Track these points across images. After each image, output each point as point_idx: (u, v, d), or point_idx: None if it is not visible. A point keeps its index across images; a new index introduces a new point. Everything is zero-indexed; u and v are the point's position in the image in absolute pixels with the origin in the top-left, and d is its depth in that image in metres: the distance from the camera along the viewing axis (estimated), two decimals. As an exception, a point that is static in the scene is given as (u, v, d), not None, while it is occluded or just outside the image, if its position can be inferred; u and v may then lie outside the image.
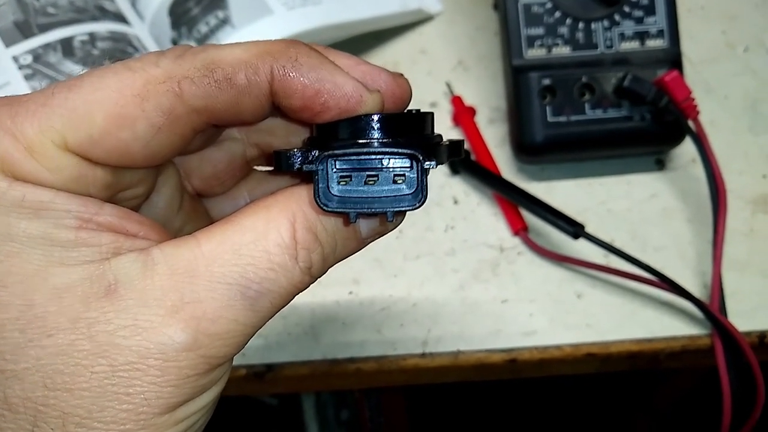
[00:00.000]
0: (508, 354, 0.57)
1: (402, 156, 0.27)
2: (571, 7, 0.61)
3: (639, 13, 0.61)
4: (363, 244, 0.29)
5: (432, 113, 0.29)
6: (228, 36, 0.63)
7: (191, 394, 0.26)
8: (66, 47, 0.60)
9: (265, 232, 0.26)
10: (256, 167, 0.32)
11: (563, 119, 0.60)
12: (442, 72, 0.69)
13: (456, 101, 0.66)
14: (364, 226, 0.29)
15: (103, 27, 0.63)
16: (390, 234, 0.30)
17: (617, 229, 0.61)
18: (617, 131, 0.60)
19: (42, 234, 0.25)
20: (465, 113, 0.66)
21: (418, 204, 0.27)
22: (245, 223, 0.26)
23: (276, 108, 0.28)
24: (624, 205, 0.63)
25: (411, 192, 0.27)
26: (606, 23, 0.61)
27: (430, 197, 0.27)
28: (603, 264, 0.58)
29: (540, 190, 0.62)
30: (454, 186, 0.64)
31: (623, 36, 0.61)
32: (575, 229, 0.57)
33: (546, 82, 0.60)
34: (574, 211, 0.59)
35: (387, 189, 0.27)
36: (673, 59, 0.61)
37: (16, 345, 0.24)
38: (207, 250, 0.26)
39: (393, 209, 0.27)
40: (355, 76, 0.27)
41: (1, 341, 0.24)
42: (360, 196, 0.27)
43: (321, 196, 0.26)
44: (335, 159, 0.27)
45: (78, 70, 0.60)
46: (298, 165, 0.27)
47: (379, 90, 0.28)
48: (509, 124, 0.65)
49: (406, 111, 0.29)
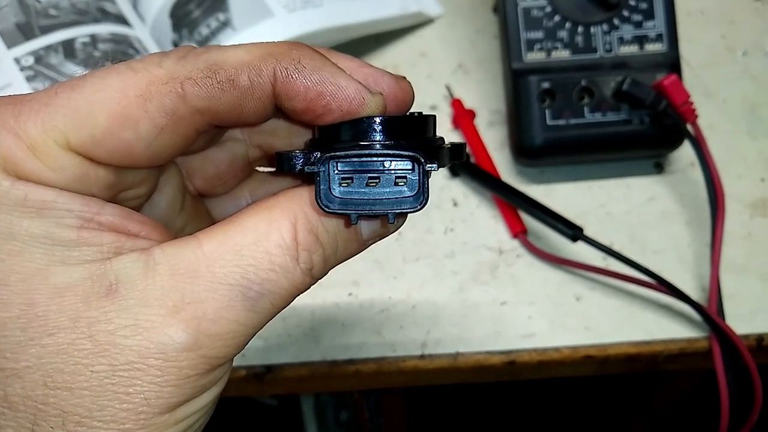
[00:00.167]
0: (507, 356, 0.57)
1: (404, 158, 0.27)
2: (571, 11, 0.61)
3: (638, 17, 0.61)
4: (364, 245, 0.29)
5: (434, 116, 0.29)
6: (229, 38, 0.63)
7: (191, 394, 0.26)
8: (67, 49, 0.60)
9: (267, 233, 0.26)
10: (257, 168, 0.32)
11: (562, 122, 0.60)
12: (441, 75, 0.69)
13: (456, 104, 0.67)
14: (365, 227, 0.29)
15: (105, 29, 0.63)
16: (390, 236, 0.30)
17: (616, 232, 0.62)
18: (616, 135, 0.61)
19: (44, 233, 0.25)
20: (465, 116, 0.66)
21: (419, 206, 0.27)
22: (247, 224, 0.26)
23: (278, 109, 0.28)
24: (623, 208, 0.63)
25: (412, 194, 0.27)
26: (605, 27, 0.61)
27: (429, 199, 0.27)
28: (602, 267, 0.58)
29: (539, 192, 0.62)
30: (453, 188, 0.64)
31: (622, 40, 0.61)
32: (574, 232, 0.57)
33: (545, 85, 0.61)
34: (573, 214, 0.59)
35: (388, 191, 0.27)
36: (672, 63, 0.61)
37: (16, 343, 0.24)
38: (208, 250, 0.26)
39: (394, 211, 0.27)
40: (358, 78, 0.27)
41: (2, 339, 0.24)
42: (361, 197, 0.27)
43: (322, 197, 0.26)
44: (337, 161, 0.27)
45: (79, 71, 0.60)
46: (300, 166, 0.27)
47: (382, 92, 0.28)
48: (509, 127, 0.65)
49: (408, 114, 0.30)
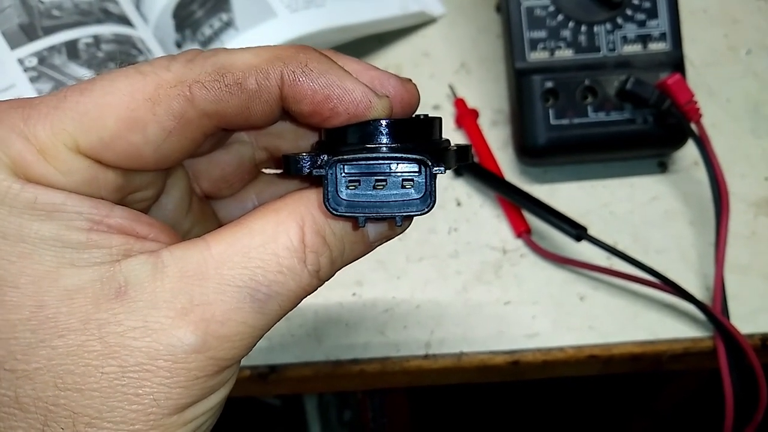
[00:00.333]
0: (511, 356, 0.57)
1: (410, 161, 0.27)
2: (574, 11, 0.61)
3: (641, 17, 0.61)
4: (371, 247, 0.30)
5: (440, 118, 0.29)
6: (232, 39, 0.63)
7: (200, 395, 0.26)
8: (71, 50, 0.60)
9: (275, 235, 0.26)
10: (264, 170, 0.32)
11: (566, 122, 0.60)
12: (444, 74, 0.69)
13: (459, 104, 0.67)
14: (372, 230, 0.29)
15: (108, 29, 0.63)
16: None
17: (620, 232, 0.62)
18: (620, 134, 0.61)
19: (54, 236, 0.25)
20: (468, 116, 0.66)
21: (426, 209, 0.27)
22: (254, 227, 0.27)
23: (285, 112, 0.28)
24: (626, 208, 0.63)
25: (419, 197, 0.27)
26: (608, 26, 0.61)
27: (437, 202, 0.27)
28: (605, 266, 0.59)
29: (543, 192, 0.62)
30: (457, 188, 0.64)
31: (626, 39, 0.61)
32: (578, 232, 0.57)
33: (549, 85, 0.61)
34: (576, 214, 0.59)
35: (395, 194, 0.27)
36: (676, 62, 0.61)
37: (27, 345, 0.24)
38: (216, 252, 0.26)
39: (402, 214, 0.27)
40: (364, 81, 0.28)
41: (13, 341, 0.24)
42: (368, 200, 0.27)
43: (330, 200, 0.27)
44: (344, 163, 0.27)
45: (83, 72, 0.60)
46: (307, 169, 0.27)
47: (388, 95, 0.28)
48: (512, 126, 0.65)
49: (414, 116, 0.30)
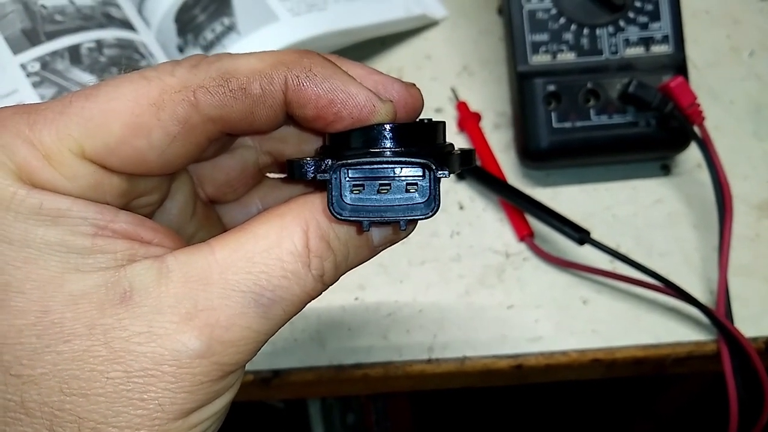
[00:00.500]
0: (514, 360, 0.57)
1: (414, 165, 0.27)
2: (576, 13, 0.61)
3: (644, 19, 0.61)
4: (375, 252, 0.30)
5: (444, 122, 0.29)
6: (234, 43, 0.63)
7: (204, 400, 0.26)
8: (73, 54, 0.61)
9: (279, 240, 0.26)
10: (268, 174, 0.32)
11: (568, 125, 0.60)
12: (447, 77, 0.69)
13: (461, 107, 0.67)
14: (376, 234, 0.29)
15: (110, 34, 0.63)
16: (397, 241, 0.30)
17: (622, 235, 0.62)
18: (622, 137, 0.61)
19: (59, 241, 0.25)
20: (470, 119, 0.66)
21: (431, 213, 0.27)
22: (259, 231, 0.27)
23: (289, 117, 0.28)
24: (629, 211, 0.63)
25: (423, 201, 0.27)
26: (611, 29, 0.61)
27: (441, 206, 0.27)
28: (608, 270, 0.58)
29: (545, 195, 0.62)
30: (459, 191, 0.64)
31: (628, 42, 0.61)
32: (581, 235, 0.57)
33: (551, 88, 0.61)
34: (579, 217, 0.59)
35: (399, 198, 0.27)
36: (678, 65, 0.61)
37: (33, 350, 0.24)
38: (221, 257, 0.26)
39: (406, 218, 0.27)
40: (368, 85, 0.28)
41: (19, 347, 0.24)
42: (373, 204, 0.27)
43: (334, 204, 0.27)
44: (348, 168, 0.27)
45: (85, 77, 0.60)
46: (311, 174, 0.27)
47: (392, 100, 0.28)
48: (514, 129, 0.65)
49: (417, 120, 0.30)
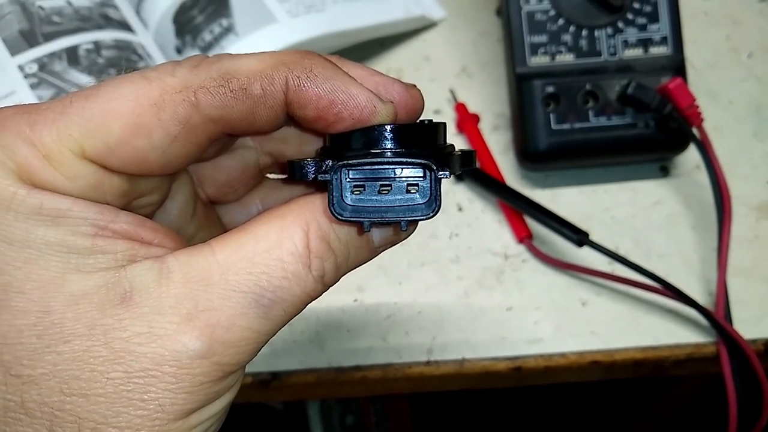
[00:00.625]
0: (513, 362, 0.57)
1: (415, 166, 0.27)
2: (575, 15, 0.62)
3: (642, 20, 0.61)
4: (375, 253, 0.30)
5: (444, 123, 0.29)
6: (232, 44, 0.63)
7: (205, 400, 0.26)
8: (71, 56, 0.60)
9: (279, 240, 0.26)
10: (269, 175, 0.32)
11: (567, 127, 0.60)
12: (445, 78, 0.69)
13: (460, 108, 0.67)
14: (376, 235, 0.29)
15: (108, 35, 0.63)
16: (397, 242, 0.30)
17: (621, 236, 0.62)
18: (621, 139, 0.61)
19: (59, 241, 0.25)
20: (469, 120, 0.66)
21: (431, 213, 0.27)
22: (259, 232, 0.27)
23: (290, 118, 0.28)
24: (628, 212, 0.63)
25: (424, 201, 0.27)
26: (609, 30, 0.61)
27: (442, 206, 0.27)
28: (607, 272, 0.58)
29: (544, 197, 0.62)
30: (458, 193, 0.64)
31: (627, 43, 0.61)
32: (580, 237, 0.57)
33: (550, 89, 0.61)
34: (578, 218, 0.59)
35: (400, 198, 0.27)
36: (677, 66, 0.61)
37: (33, 350, 0.24)
38: (221, 258, 0.26)
39: (407, 218, 0.27)
40: (369, 86, 0.28)
41: (19, 347, 0.24)
42: (373, 205, 0.27)
43: (335, 205, 0.27)
44: (349, 169, 0.27)
45: (83, 78, 0.60)
46: (312, 175, 0.27)
47: (392, 101, 0.28)
48: (513, 131, 0.65)
49: (418, 121, 0.30)
